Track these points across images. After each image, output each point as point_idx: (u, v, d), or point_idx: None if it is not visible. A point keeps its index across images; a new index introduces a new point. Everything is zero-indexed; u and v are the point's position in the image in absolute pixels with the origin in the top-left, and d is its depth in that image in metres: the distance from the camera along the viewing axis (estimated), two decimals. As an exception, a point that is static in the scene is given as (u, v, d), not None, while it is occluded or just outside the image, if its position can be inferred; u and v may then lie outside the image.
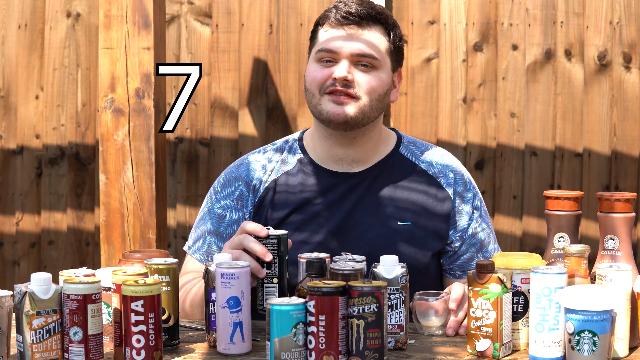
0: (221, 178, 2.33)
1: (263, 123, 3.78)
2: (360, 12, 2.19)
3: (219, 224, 2.27)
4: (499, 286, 1.76)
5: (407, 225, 2.22)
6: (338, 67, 2.16)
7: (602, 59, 3.73)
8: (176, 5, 3.78)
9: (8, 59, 3.81)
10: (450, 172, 2.28)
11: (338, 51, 2.17)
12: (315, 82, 2.19)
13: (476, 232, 2.28)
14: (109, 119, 3.02)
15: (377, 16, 2.21)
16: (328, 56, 2.18)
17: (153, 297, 1.70)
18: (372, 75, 2.18)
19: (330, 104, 2.17)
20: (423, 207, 2.24)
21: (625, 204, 1.87)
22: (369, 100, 2.18)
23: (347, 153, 2.24)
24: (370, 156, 2.27)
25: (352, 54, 2.17)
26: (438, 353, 1.82)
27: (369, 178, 2.25)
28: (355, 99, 2.16)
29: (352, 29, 2.18)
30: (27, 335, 1.69)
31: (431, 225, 2.24)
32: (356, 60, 2.17)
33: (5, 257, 3.86)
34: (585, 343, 1.67)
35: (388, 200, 2.24)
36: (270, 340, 1.69)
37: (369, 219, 2.22)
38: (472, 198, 2.29)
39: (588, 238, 3.61)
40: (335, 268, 1.79)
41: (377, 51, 2.19)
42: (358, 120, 2.18)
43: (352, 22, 2.18)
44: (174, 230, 3.81)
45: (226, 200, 2.28)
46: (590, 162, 3.76)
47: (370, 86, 2.17)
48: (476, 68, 3.76)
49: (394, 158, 2.29)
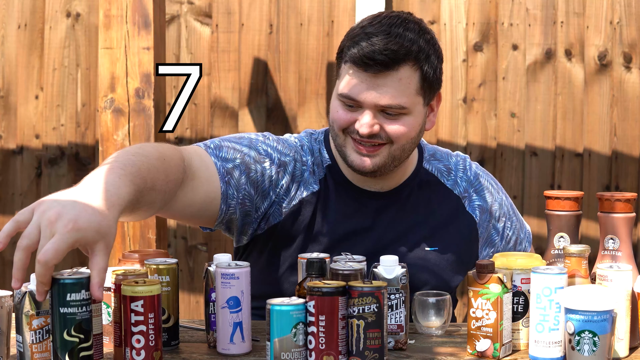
0: (277, 136, 2.13)
1: (263, 123, 3.78)
2: (383, 57, 1.94)
3: (255, 162, 2.04)
4: (499, 286, 1.76)
5: (435, 251, 2.15)
6: (362, 119, 1.99)
7: (603, 59, 3.73)
8: (176, 5, 3.78)
9: (8, 59, 3.81)
10: (474, 193, 2.21)
11: (361, 100, 1.98)
12: (337, 123, 2.03)
13: (509, 238, 2.26)
14: (109, 119, 3.01)
15: (406, 56, 1.96)
16: (350, 102, 2.00)
17: (153, 297, 1.70)
18: (400, 122, 2.01)
19: (355, 154, 2.02)
20: (450, 233, 2.17)
21: (626, 204, 1.86)
22: (400, 145, 2.02)
23: (376, 182, 2.13)
24: (399, 178, 2.15)
25: (377, 105, 1.98)
26: (438, 353, 1.82)
27: (398, 200, 2.14)
28: (384, 145, 2.02)
29: (375, 76, 1.96)
30: (26, 336, 1.69)
31: (459, 252, 2.18)
32: (381, 109, 1.99)
33: (5, 257, 3.86)
34: (586, 343, 1.67)
35: (417, 224, 2.15)
36: (270, 340, 1.69)
37: (399, 244, 2.13)
38: (498, 208, 2.24)
39: (588, 238, 3.61)
40: (335, 268, 1.79)
41: (405, 97, 1.99)
42: (387, 166, 2.04)
43: (377, 69, 1.95)
44: (174, 230, 3.81)
45: (274, 152, 2.07)
46: (591, 162, 3.76)
47: (399, 134, 2.01)
48: (476, 68, 3.76)
49: (420, 175, 2.18)
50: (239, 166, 2.02)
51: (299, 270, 1.93)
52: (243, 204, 2.04)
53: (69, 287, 1.61)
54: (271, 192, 2.07)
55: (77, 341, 1.62)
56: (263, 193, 2.06)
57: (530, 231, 2.35)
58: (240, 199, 2.03)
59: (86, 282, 1.62)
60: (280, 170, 2.07)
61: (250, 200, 2.05)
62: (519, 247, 2.30)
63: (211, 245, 3.82)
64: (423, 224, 2.16)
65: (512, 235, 2.27)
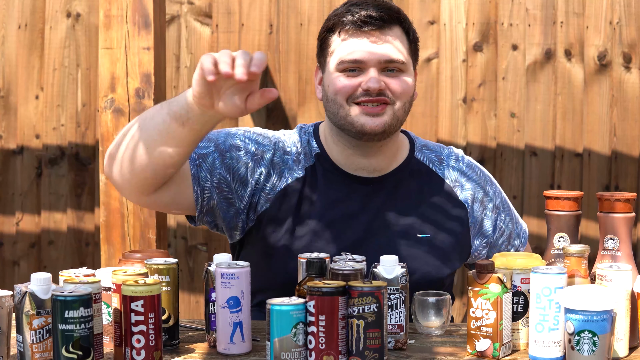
0: (258, 128, 2.21)
1: (263, 123, 3.78)
2: (381, 14, 2.07)
3: (230, 149, 2.12)
4: (499, 286, 1.76)
5: (426, 237, 2.16)
6: (368, 78, 2.06)
7: (602, 59, 3.73)
8: (176, 5, 3.78)
9: (8, 59, 3.82)
10: (466, 182, 2.23)
11: (365, 60, 2.07)
12: (342, 93, 2.08)
13: (502, 231, 2.27)
14: (109, 119, 3.01)
15: (397, 16, 2.10)
16: (353, 66, 2.08)
17: (153, 297, 1.70)
18: (401, 79, 2.10)
19: (364, 117, 2.07)
20: (442, 220, 2.18)
21: (625, 204, 1.87)
22: (402, 104, 2.10)
23: (369, 162, 2.16)
24: (390, 162, 2.19)
25: (381, 61, 2.07)
26: (438, 353, 1.83)
27: (388, 185, 2.18)
28: (389, 105, 2.08)
29: (374, 34, 2.07)
30: (27, 335, 1.69)
31: (450, 240, 2.19)
32: (384, 67, 2.08)
33: (5, 257, 3.86)
34: (585, 343, 1.67)
35: (407, 211, 2.17)
36: (270, 340, 1.69)
37: (390, 230, 2.15)
38: (491, 199, 2.25)
39: (588, 238, 3.61)
40: (335, 268, 1.79)
41: (403, 54, 2.10)
42: (393, 127, 2.11)
43: (374, 26, 2.07)
44: (174, 230, 3.81)
45: (251, 143, 2.14)
46: (590, 162, 3.76)
47: (402, 90, 2.09)
48: (476, 68, 3.76)
49: (411, 163, 2.22)
50: (212, 152, 2.10)
51: (299, 270, 1.93)
52: (220, 189, 2.09)
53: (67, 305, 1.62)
54: (250, 178, 2.11)
55: (76, 357, 1.63)
56: (241, 180, 2.11)
57: (527, 230, 2.35)
58: (216, 183, 2.09)
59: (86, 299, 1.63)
60: (257, 159, 2.12)
61: (227, 186, 2.10)
62: (514, 242, 2.29)
63: (211, 245, 3.82)
64: (413, 211, 2.17)
65: (505, 229, 2.27)
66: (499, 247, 2.26)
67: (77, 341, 1.63)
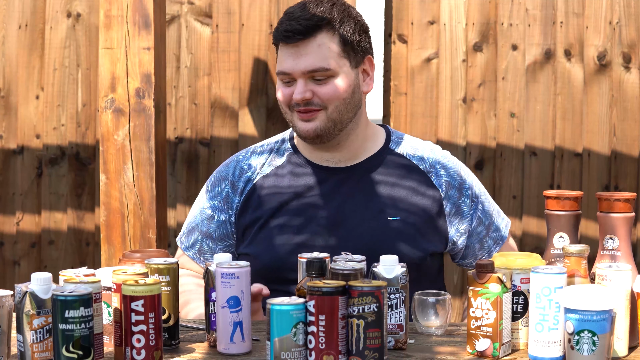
0: (212, 177, 2.36)
1: (263, 123, 3.78)
2: (298, 26, 2.15)
3: (209, 224, 2.32)
4: (499, 286, 1.76)
5: (397, 220, 2.22)
6: (296, 88, 2.18)
7: (602, 59, 3.73)
8: (176, 5, 3.78)
9: (8, 59, 3.82)
10: (442, 169, 2.28)
11: (290, 72, 2.18)
12: (281, 100, 2.23)
13: (480, 220, 2.29)
14: (109, 119, 3.02)
15: (319, 23, 2.17)
16: (285, 77, 2.20)
17: (153, 297, 1.70)
18: (329, 85, 2.18)
19: (300, 122, 2.20)
20: (414, 203, 2.24)
21: (625, 204, 1.87)
22: (335, 107, 2.19)
23: (333, 155, 2.27)
24: (359, 153, 2.28)
25: (304, 72, 2.17)
26: (438, 353, 1.83)
27: (358, 172, 2.26)
28: (320, 111, 2.18)
29: (296, 46, 2.17)
30: (27, 335, 1.70)
31: (423, 222, 2.24)
32: (310, 76, 2.17)
33: (6, 257, 3.87)
34: (585, 343, 1.67)
35: (378, 195, 2.24)
36: (270, 340, 1.69)
37: (359, 213, 2.22)
38: (468, 188, 2.29)
39: (588, 238, 3.61)
40: (335, 268, 1.80)
41: (327, 60, 2.17)
42: (330, 130, 2.20)
43: (296, 39, 2.16)
44: (174, 230, 3.81)
45: (214, 201, 2.32)
46: (590, 162, 3.76)
47: (329, 96, 2.18)
48: (476, 68, 3.76)
49: (385, 153, 2.29)
50: (202, 241, 2.32)
51: (299, 270, 1.94)
52: (227, 248, 2.33)
53: (67, 304, 1.63)
54: (234, 220, 2.30)
55: (76, 357, 1.63)
56: (231, 230, 2.32)
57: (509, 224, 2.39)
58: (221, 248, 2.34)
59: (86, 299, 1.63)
60: (229, 204, 2.30)
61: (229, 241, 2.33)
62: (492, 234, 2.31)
63: (211, 245, 3.82)
64: (385, 195, 2.24)
65: (483, 218, 2.30)
66: (477, 235, 2.29)
67: (77, 341, 1.63)
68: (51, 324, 1.68)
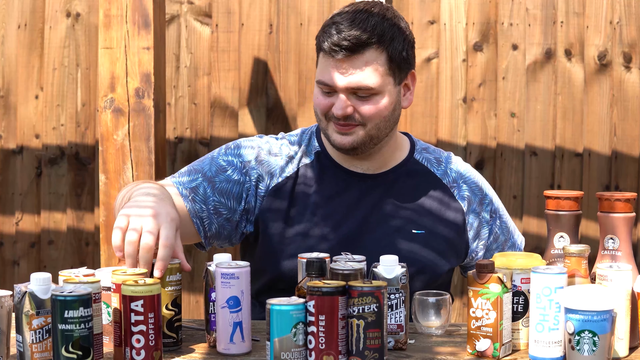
0: (238, 141, 2.27)
1: (263, 123, 3.78)
2: (349, 41, 2.06)
3: (217, 174, 2.20)
4: (499, 286, 1.76)
5: (422, 233, 2.19)
6: (337, 102, 2.11)
7: (602, 59, 3.73)
8: (176, 5, 3.78)
9: (8, 59, 3.81)
10: (464, 183, 2.26)
11: (332, 85, 2.10)
12: (318, 109, 2.16)
13: (497, 236, 2.28)
14: (109, 119, 3.01)
15: (369, 40, 2.08)
16: (326, 88, 2.13)
17: (153, 297, 1.70)
18: (371, 102, 2.11)
19: (336, 134, 2.14)
20: (438, 216, 2.21)
21: (626, 203, 1.86)
22: (375, 124, 2.13)
23: (362, 163, 2.23)
24: (387, 162, 2.24)
25: (348, 88, 2.10)
26: (438, 353, 1.82)
27: (385, 182, 2.22)
28: (360, 126, 2.12)
29: (344, 61, 2.08)
30: (26, 335, 1.69)
31: (446, 236, 2.21)
32: (353, 92, 2.11)
33: (5, 257, 3.86)
34: (586, 343, 1.67)
35: (404, 207, 2.21)
36: (270, 340, 1.69)
37: (384, 225, 2.19)
38: (489, 204, 2.27)
39: (588, 238, 3.61)
40: (335, 268, 1.79)
41: (373, 79, 2.09)
42: (367, 145, 2.15)
43: (343, 54, 2.08)
44: (173, 230, 3.80)
45: (234, 158, 2.22)
46: (590, 162, 3.76)
47: (371, 114, 2.11)
48: (476, 68, 3.76)
49: (409, 164, 2.25)
50: (201, 183, 2.18)
51: (299, 270, 1.94)
52: (218, 213, 2.18)
53: (67, 304, 1.62)
54: (243, 193, 2.19)
55: (75, 358, 1.63)
56: (236, 197, 2.19)
57: (523, 242, 2.37)
58: (212, 210, 2.17)
59: (86, 299, 1.63)
60: (245, 170, 2.20)
61: (224, 207, 2.18)
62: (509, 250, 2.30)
63: (211, 245, 3.82)
64: (409, 208, 2.21)
65: (500, 235, 2.28)
66: (494, 250, 2.28)
67: (76, 341, 1.63)
68: (50, 324, 1.67)
